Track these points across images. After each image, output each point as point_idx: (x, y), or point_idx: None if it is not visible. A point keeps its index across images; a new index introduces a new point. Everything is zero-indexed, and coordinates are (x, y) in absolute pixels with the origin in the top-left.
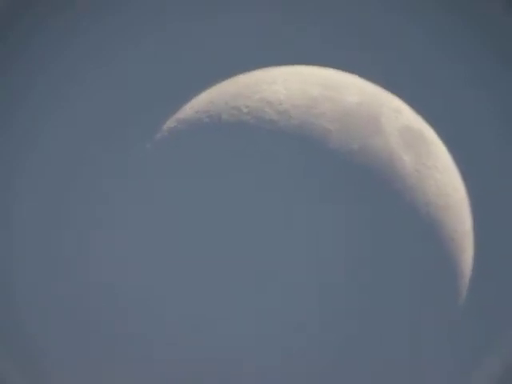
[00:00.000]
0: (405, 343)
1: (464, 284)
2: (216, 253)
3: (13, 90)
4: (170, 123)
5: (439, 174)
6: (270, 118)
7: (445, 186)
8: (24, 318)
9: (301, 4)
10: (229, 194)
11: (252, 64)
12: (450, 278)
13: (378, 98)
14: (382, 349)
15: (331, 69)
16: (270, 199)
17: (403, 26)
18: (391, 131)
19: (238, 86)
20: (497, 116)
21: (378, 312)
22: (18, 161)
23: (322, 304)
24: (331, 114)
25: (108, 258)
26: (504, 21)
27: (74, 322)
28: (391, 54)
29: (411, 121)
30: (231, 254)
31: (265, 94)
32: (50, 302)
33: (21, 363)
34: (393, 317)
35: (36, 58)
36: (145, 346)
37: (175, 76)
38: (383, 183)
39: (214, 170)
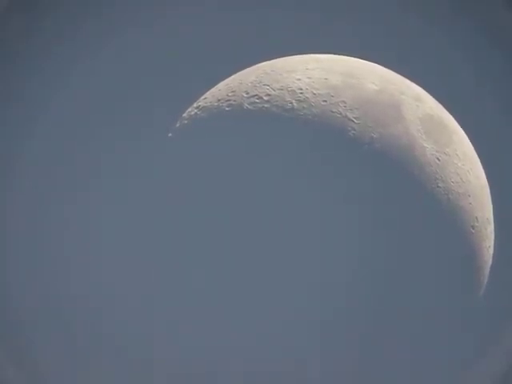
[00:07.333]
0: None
1: (484, 272)
2: (234, 247)
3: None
4: (191, 111)
5: (460, 161)
6: (291, 106)
7: (465, 173)
8: (23, 319)
9: None
10: (249, 182)
11: (273, 52)
12: (470, 266)
13: (399, 86)
14: (388, 342)
15: (352, 57)
16: (291, 187)
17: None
18: (412, 119)
19: (259, 74)
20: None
21: (394, 301)
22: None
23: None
24: (352, 102)
25: (108, 258)
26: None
27: (72, 322)
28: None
29: (432, 109)
30: (248, 248)
31: (286, 82)
32: (50, 303)
33: (20, 363)
34: (409, 305)
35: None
36: (144, 347)
37: (196, 64)
38: (404, 171)
39: (235, 159)
